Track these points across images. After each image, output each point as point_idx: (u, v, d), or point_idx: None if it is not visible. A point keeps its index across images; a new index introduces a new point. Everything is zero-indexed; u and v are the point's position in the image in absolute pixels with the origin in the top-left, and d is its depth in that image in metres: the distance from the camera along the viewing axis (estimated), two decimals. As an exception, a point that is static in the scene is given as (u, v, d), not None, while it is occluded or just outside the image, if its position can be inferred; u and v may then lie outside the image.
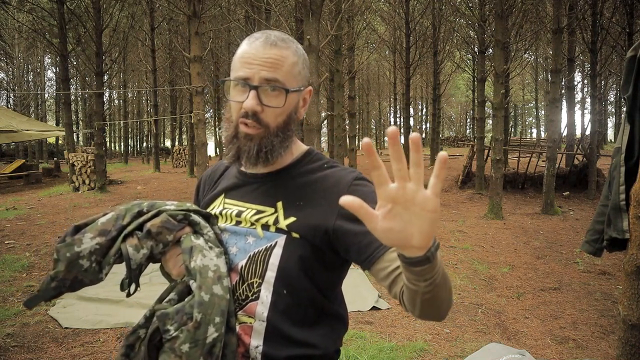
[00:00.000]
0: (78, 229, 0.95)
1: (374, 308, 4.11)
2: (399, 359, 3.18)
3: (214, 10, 13.12)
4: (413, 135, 0.61)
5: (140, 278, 0.98)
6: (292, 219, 0.97)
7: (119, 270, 0.97)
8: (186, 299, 0.91)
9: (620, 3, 11.40)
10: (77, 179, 12.70)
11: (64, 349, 3.34)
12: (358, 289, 4.54)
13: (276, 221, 0.98)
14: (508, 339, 3.56)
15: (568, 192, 10.47)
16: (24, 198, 11.67)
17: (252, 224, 1.01)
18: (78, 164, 12.60)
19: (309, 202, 0.98)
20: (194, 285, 0.91)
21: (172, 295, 0.95)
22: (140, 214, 0.98)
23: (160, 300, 0.97)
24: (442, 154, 0.60)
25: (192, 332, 0.86)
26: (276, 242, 0.97)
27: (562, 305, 4.24)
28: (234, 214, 1.04)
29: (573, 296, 4.46)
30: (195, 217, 1.01)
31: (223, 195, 1.10)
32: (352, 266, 3.91)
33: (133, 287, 0.97)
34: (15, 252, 6.03)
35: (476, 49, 15.43)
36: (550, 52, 10.65)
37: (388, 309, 4.12)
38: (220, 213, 1.07)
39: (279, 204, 1.00)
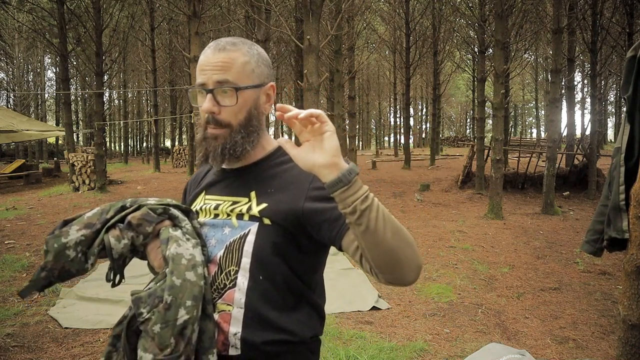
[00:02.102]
0: (66, 223, 1.02)
1: (374, 308, 4.11)
2: (399, 359, 3.18)
3: (214, 10, 13.13)
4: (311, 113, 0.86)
5: (137, 279, 1.01)
6: (263, 205, 1.03)
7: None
8: (158, 283, 0.95)
9: (620, 3, 11.40)
10: (77, 179, 12.70)
11: (64, 349, 3.34)
12: (358, 289, 4.54)
13: (249, 209, 1.04)
14: (508, 339, 3.56)
15: (568, 192, 10.47)
16: (24, 198, 11.67)
17: (228, 215, 1.06)
18: (78, 164, 12.60)
19: (279, 189, 1.04)
20: (167, 270, 0.95)
21: (151, 284, 0.99)
22: (123, 208, 1.05)
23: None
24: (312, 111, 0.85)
25: (162, 313, 0.90)
26: (249, 230, 1.02)
27: (562, 305, 4.24)
28: (212, 207, 1.10)
29: (573, 296, 4.46)
30: (175, 211, 1.06)
31: (204, 193, 1.17)
32: (351, 266, 3.92)
33: (118, 278, 1.04)
34: (15, 252, 6.03)
35: (476, 49, 15.44)
36: (550, 52, 10.64)
37: (388, 309, 4.12)
38: (201, 208, 1.13)
39: (252, 194, 1.06)
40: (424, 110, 42.16)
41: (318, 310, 1.10)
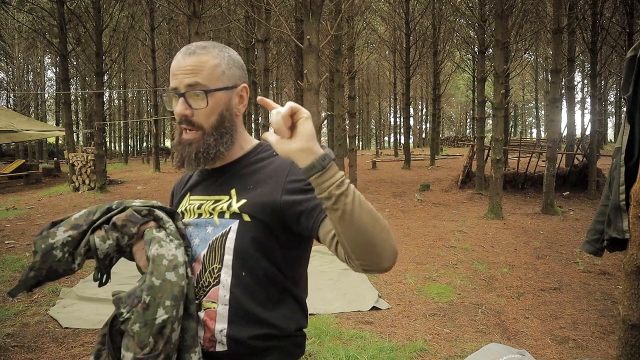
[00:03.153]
0: (54, 224, 1.03)
1: (374, 308, 4.11)
2: (399, 359, 3.18)
3: (214, 10, 13.12)
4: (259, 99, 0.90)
5: (136, 279, 1.02)
6: (243, 201, 1.05)
7: (120, 270, 0.98)
8: (138, 284, 0.97)
9: (620, 3, 11.40)
10: (77, 179, 12.70)
11: (64, 349, 3.34)
12: (358, 289, 4.54)
13: (229, 206, 1.06)
14: (508, 339, 3.56)
15: (568, 192, 10.47)
16: (24, 198, 11.67)
17: (210, 214, 1.09)
18: (78, 164, 12.60)
19: (258, 184, 1.07)
20: (147, 271, 0.97)
21: (135, 285, 1.01)
22: (109, 210, 1.07)
23: None
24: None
25: (140, 312, 0.92)
26: (230, 227, 1.04)
27: (562, 305, 4.24)
28: (195, 207, 1.13)
29: (573, 296, 4.46)
30: (159, 213, 1.08)
31: (188, 194, 1.19)
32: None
33: (105, 278, 1.07)
34: (15, 252, 6.03)
35: (476, 49, 15.44)
36: (550, 52, 10.64)
37: (388, 309, 4.12)
38: (186, 209, 1.16)
39: (233, 191, 1.09)
40: (424, 110, 42.15)
41: (301, 304, 1.12)
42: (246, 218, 1.04)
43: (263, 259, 1.04)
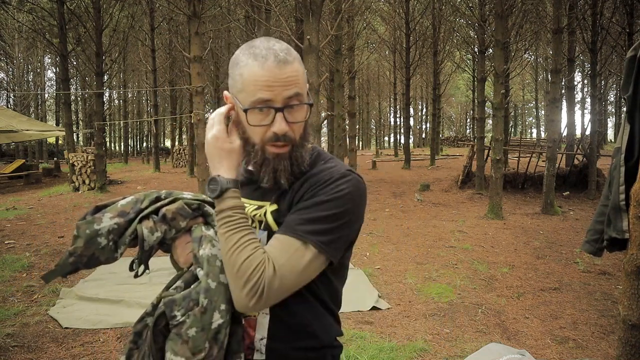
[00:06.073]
0: (99, 209, 0.99)
1: (374, 308, 4.11)
2: (399, 359, 3.18)
3: (214, 10, 13.13)
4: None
5: (140, 278, 1.00)
6: (274, 207, 1.02)
7: (120, 270, 0.98)
8: (192, 286, 0.94)
9: (620, 3, 11.39)
10: (77, 179, 12.70)
11: (64, 349, 3.34)
12: (358, 289, 4.54)
13: (265, 213, 1.03)
14: (508, 339, 3.56)
15: (568, 192, 10.47)
16: (24, 198, 11.67)
17: (252, 220, 1.05)
18: (78, 164, 12.60)
19: (294, 192, 1.01)
20: (200, 272, 0.94)
21: (178, 283, 0.98)
22: (158, 199, 1.03)
23: (167, 288, 1.00)
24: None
25: (198, 316, 0.89)
26: (260, 239, 1.00)
27: (562, 305, 4.24)
28: None
29: (573, 296, 4.46)
30: (209, 209, 1.04)
31: None
32: (351, 266, 3.94)
33: (142, 268, 1.02)
34: (15, 252, 6.03)
35: (476, 49, 15.44)
36: (550, 52, 10.64)
37: (388, 309, 4.12)
38: None
39: (275, 197, 1.04)
40: (424, 110, 42.16)
41: (336, 316, 1.10)
42: (275, 228, 1.00)
43: None
